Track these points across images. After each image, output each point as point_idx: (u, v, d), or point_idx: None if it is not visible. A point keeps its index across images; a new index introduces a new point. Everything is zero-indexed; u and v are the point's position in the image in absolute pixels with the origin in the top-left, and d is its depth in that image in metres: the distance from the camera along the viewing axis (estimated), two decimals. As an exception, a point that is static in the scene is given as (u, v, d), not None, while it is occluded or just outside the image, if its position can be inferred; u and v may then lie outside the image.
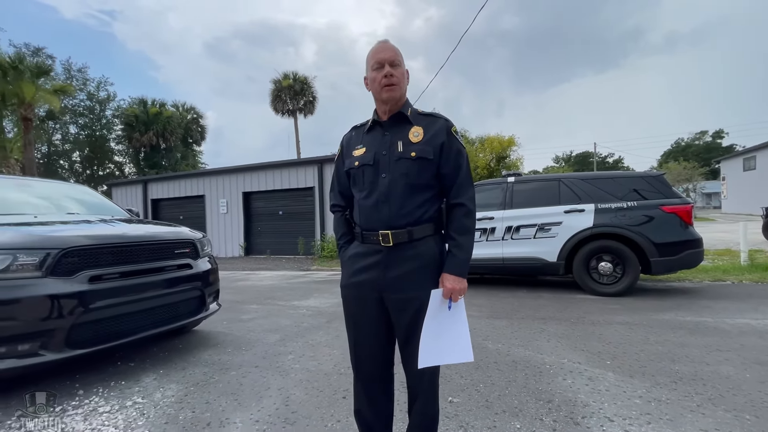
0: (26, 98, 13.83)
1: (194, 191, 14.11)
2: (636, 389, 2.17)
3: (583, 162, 56.59)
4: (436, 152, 1.31)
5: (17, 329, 2.11)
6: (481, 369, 2.54)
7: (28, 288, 2.17)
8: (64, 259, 2.31)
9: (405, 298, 1.30)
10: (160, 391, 2.35)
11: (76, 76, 26.32)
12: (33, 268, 2.22)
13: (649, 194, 4.76)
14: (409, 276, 1.29)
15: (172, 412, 2.08)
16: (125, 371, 2.71)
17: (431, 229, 1.33)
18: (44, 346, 2.19)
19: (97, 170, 29.65)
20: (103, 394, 2.34)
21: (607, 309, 4.03)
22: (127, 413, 2.08)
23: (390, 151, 1.32)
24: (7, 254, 2.17)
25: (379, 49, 1.33)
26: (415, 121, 1.35)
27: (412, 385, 1.39)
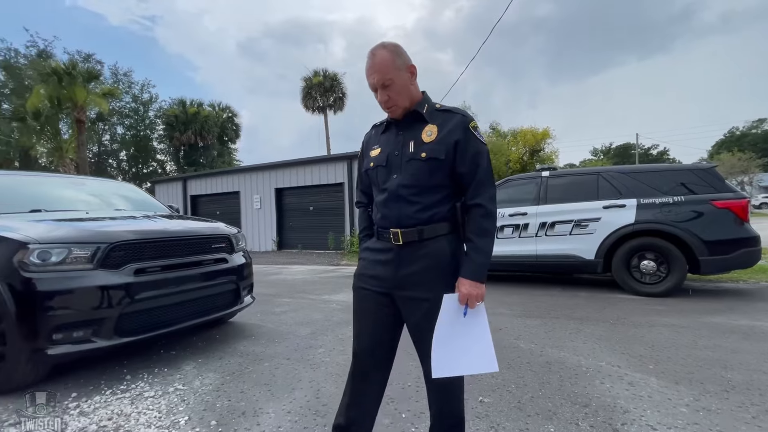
0: (79, 102, 14.86)
1: (230, 188, 14.66)
2: (682, 397, 2.04)
3: (624, 154, 53.69)
4: (450, 151, 1.25)
5: (72, 317, 2.28)
6: (513, 369, 2.48)
7: (81, 279, 2.34)
8: (112, 252, 2.47)
9: (414, 298, 1.28)
10: (199, 379, 2.47)
11: (122, 80, 27.98)
12: (85, 260, 2.38)
13: (698, 188, 4.44)
14: (419, 276, 1.27)
15: (210, 399, 2.18)
16: (167, 359, 2.86)
17: (445, 229, 1.28)
18: (96, 334, 2.35)
19: (142, 168, 31.44)
20: (148, 379, 2.48)
21: (650, 310, 3.81)
22: (169, 399, 2.20)
23: (402, 152, 1.30)
24: (63, 247, 2.34)
25: (368, 70, 1.28)
26: (431, 118, 1.30)
27: (429, 386, 1.35)
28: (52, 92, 14.71)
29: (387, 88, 1.26)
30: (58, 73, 14.49)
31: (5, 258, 2.29)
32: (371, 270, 1.36)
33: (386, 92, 1.26)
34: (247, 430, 1.85)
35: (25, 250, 2.26)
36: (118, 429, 1.90)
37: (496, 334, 3.20)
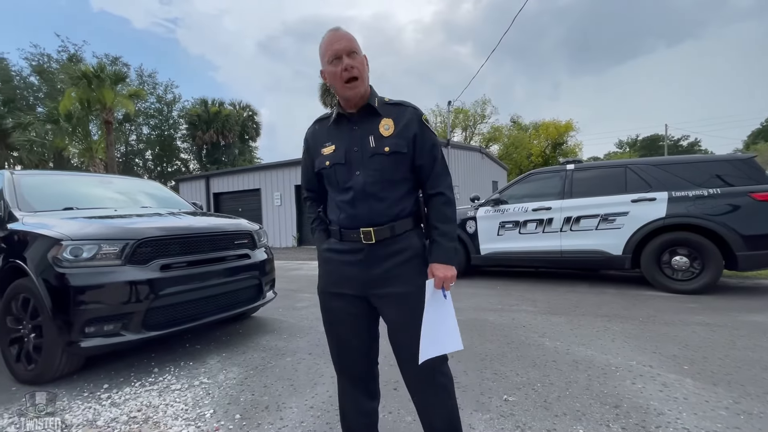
0: (107, 103, 15.40)
1: (251, 185, 14.92)
2: (721, 399, 1.94)
3: (651, 146, 51.63)
4: (410, 144, 1.26)
5: (103, 311, 2.35)
6: (538, 367, 2.41)
7: (111, 274, 2.41)
8: (139, 248, 2.53)
9: (391, 294, 1.26)
10: (223, 373, 2.51)
11: (147, 81, 28.83)
12: (114, 256, 2.46)
13: (735, 180, 4.20)
14: (396, 271, 1.26)
15: (234, 393, 2.22)
16: (193, 353, 2.93)
17: (411, 223, 1.30)
18: (125, 328, 2.42)
19: (166, 167, 32.40)
20: (175, 372, 2.55)
21: (682, 308, 3.65)
22: (195, 392, 2.25)
23: (362, 147, 1.25)
24: (93, 244, 2.42)
25: (333, 38, 1.23)
26: (384, 111, 1.28)
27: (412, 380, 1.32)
28: (83, 95, 15.28)
29: (352, 57, 1.22)
30: (87, 76, 15.03)
31: (40, 254, 2.39)
32: (340, 272, 1.31)
33: (352, 61, 1.21)
34: (271, 424, 1.87)
35: (58, 247, 2.35)
36: (147, 420, 1.95)
37: (519, 330, 3.13)
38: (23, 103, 23.69)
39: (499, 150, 31.22)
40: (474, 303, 4.15)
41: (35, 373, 2.40)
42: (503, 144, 31.68)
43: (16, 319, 2.54)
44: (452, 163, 12.13)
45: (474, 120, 32.49)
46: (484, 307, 3.98)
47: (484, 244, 5.40)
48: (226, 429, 1.84)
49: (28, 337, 2.45)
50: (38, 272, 2.37)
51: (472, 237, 5.49)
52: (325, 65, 1.26)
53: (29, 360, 2.44)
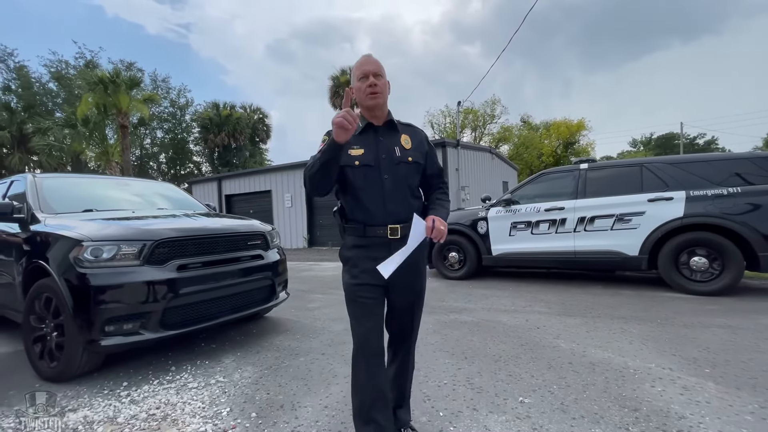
0: (123, 108, 15.73)
1: (262, 187, 15.07)
2: (745, 404, 1.89)
3: (666, 145, 50.56)
4: (424, 158, 1.60)
5: (122, 311, 2.40)
6: (554, 369, 2.38)
7: (130, 275, 2.46)
8: (157, 249, 2.58)
9: (408, 285, 1.55)
10: (239, 372, 2.54)
11: (160, 86, 29.35)
12: (133, 257, 2.51)
13: (756, 178, 4.09)
14: (412, 265, 1.49)
15: (249, 392, 2.24)
16: (208, 352, 2.97)
17: None
18: (144, 327, 2.46)
19: (179, 169, 32.92)
20: (191, 371, 2.59)
21: (702, 310, 3.56)
22: (211, 390, 2.28)
23: (389, 155, 1.50)
24: (113, 244, 2.48)
25: (364, 62, 1.49)
26: (401, 130, 1.58)
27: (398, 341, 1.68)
28: (99, 100, 15.64)
29: (377, 77, 1.47)
30: (103, 81, 15.37)
31: (62, 255, 2.46)
32: (368, 265, 1.47)
33: (376, 80, 1.46)
34: (286, 423, 1.89)
35: (80, 247, 2.41)
36: (166, 417, 1.98)
37: (533, 332, 3.10)
38: (42, 108, 24.35)
39: (510, 150, 30.94)
40: (486, 304, 4.11)
41: (57, 370, 2.46)
42: (513, 144, 31.39)
43: (39, 317, 2.61)
44: (462, 163, 12.06)
45: (484, 120, 32.27)
46: (496, 308, 3.95)
47: (496, 245, 5.36)
48: (242, 427, 1.86)
49: (51, 336, 2.52)
50: (60, 272, 2.43)
51: (484, 238, 5.45)
52: (354, 82, 1.51)
53: (51, 358, 2.51)
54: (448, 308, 3.93)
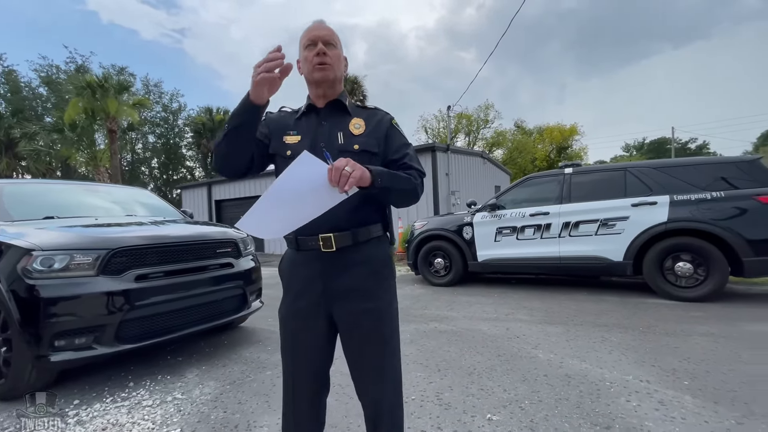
0: (111, 112, 15.57)
1: (252, 192, 14.91)
2: (722, 419, 1.79)
3: (659, 149, 51.06)
4: (381, 145, 1.22)
5: (74, 324, 2.27)
6: (528, 382, 2.28)
7: (83, 286, 2.33)
8: (113, 258, 2.46)
9: (358, 311, 1.15)
10: (199, 388, 2.41)
11: (152, 91, 29.20)
12: (87, 267, 2.38)
13: (740, 183, 4.04)
14: (360, 285, 1.16)
15: (206, 410, 2.12)
16: (173, 365, 2.84)
17: (378, 230, 1.22)
18: (97, 341, 2.33)
19: (172, 174, 32.67)
20: (150, 387, 2.45)
21: (686, 317, 3.48)
22: (165, 408, 2.15)
23: (329, 143, 1.16)
24: (65, 254, 2.35)
25: (313, 27, 1.19)
26: (354, 113, 1.25)
27: (372, 412, 1.20)
28: (87, 104, 15.46)
29: (328, 47, 1.17)
30: (91, 86, 15.22)
31: (10, 265, 2.32)
32: (300, 301, 1.19)
33: (326, 49, 1.16)
34: (237, 445, 1.77)
35: (29, 257, 2.28)
36: (110, 440, 1.85)
37: (512, 341, 3.00)
38: (32, 113, 24.07)
39: (503, 155, 31.04)
40: (469, 312, 4.01)
41: (5, 387, 2.32)
42: (507, 149, 31.50)
43: (-12, 331, 2.47)
44: (452, 168, 12.01)
45: (477, 125, 32.39)
46: (478, 316, 3.84)
47: (482, 251, 5.27)
48: (189, 451, 1.74)
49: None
50: (8, 283, 2.29)
51: (469, 243, 5.36)
52: (300, 51, 1.21)
53: None
54: (429, 316, 3.82)
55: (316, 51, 1.15)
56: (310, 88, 1.24)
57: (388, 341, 1.19)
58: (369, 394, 1.19)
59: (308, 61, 1.17)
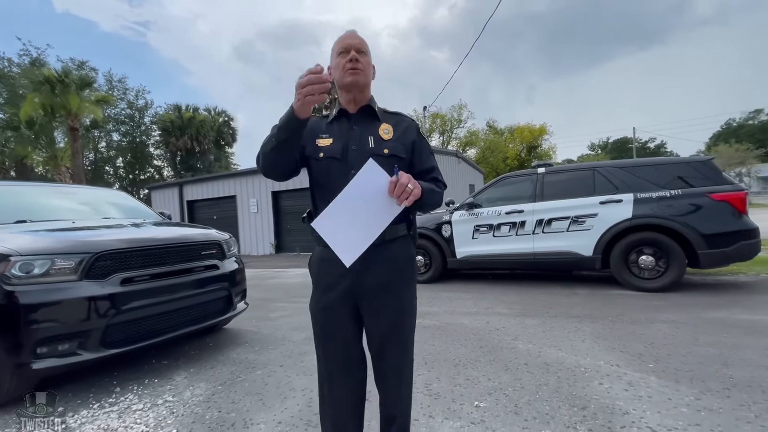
0: (72, 109, 14.79)
1: (226, 192, 14.59)
2: (683, 396, 1.99)
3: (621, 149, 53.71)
4: (408, 151, 1.30)
5: (57, 330, 2.22)
6: (510, 371, 2.43)
7: (66, 291, 2.28)
8: (97, 262, 2.41)
9: (382, 308, 1.25)
10: (190, 390, 2.41)
11: (116, 86, 27.91)
12: (69, 271, 2.33)
13: (696, 181, 4.39)
14: (385, 282, 1.25)
15: (200, 411, 2.13)
16: (159, 369, 2.80)
17: (404, 230, 1.31)
18: (82, 346, 2.29)
19: (139, 174, 31.36)
20: (138, 391, 2.43)
21: (649, 306, 3.76)
22: (158, 411, 2.15)
23: (360, 146, 1.24)
24: (46, 259, 2.29)
25: (346, 36, 1.27)
26: (383, 118, 1.32)
27: (388, 404, 1.33)
28: (46, 100, 14.63)
29: (360, 54, 1.24)
30: (50, 81, 14.41)
31: (-13, 271, 2.24)
32: (330, 295, 1.27)
33: (359, 56, 1.23)
34: (236, 442, 1.80)
35: (6, 263, 2.21)
36: (104, 445, 1.84)
37: (492, 334, 3.15)
38: (-19, 109, 22.44)
39: (476, 154, 31.73)
40: (450, 307, 4.16)
41: (-18, 398, 2.24)
42: (480, 148, 32.23)
43: (-39, 341, 2.36)
44: (430, 167, 12.23)
45: (451, 125, 32.95)
46: (459, 311, 3.99)
47: (460, 248, 5.44)
48: (188, 450, 1.76)
49: (-26, 360, 2.28)
50: (-16, 291, 2.21)
51: (448, 241, 5.52)
52: (333, 59, 1.28)
53: (-24, 384, 2.27)
54: (412, 313, 3.93)
55: (349, 57, 1.22)
56: (341, 93, 1.30)
57: (407, 335, 1.31)
58: (385, 382, 1.31)
59: (341, 67, 1.23)
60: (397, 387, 1.31)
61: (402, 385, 1.32)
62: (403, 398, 1.33)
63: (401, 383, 1.32)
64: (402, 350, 1.29)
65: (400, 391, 1.32)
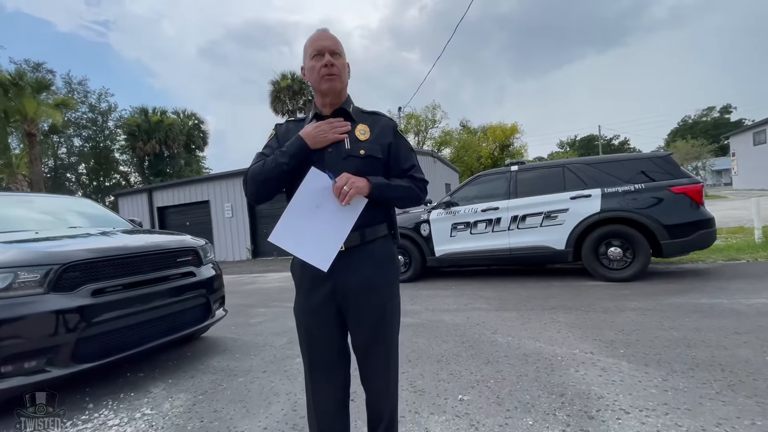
0: (29, 114, 13.97)
1: (199, 197, 14.18)
2: (651, 378, 2.11)
3: (588, 146, 55.88)
4: (384, 151, 1.30)
5: (22, 347, 2.11)
6: (491, 364, 2.50)
7: (31, 305, 2.16)
8: (65, 274, 2.30)
9: (365, 308, 1.25)
10: (169, 401, 2.34)
11: (77, 89, 26.60)
12: (35, 284, 2.21)
13: (657, 175, 4.65)
14: (368, 282, 1.25)
15: (181, 422, 2.07)
16: (134, 382, 2.71)
17: (384, 230, 1.32)
18: (50, 363, 2.18)
19: (104, 181, 29.98)
20: (113, 406, 2.33)
21: (618, 295, 3.95)
22: (136, 425, 2.08)
23: (336, 148, 1.24)
24: (8, 272, 2.17)
25: (319, 36, 1.25)
26: (359, 118, 1.31)
27: (375, 402, 1.34)
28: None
29: (335, 56, 1.23)
30: (3, 84, 13.56)
31: (-59, 288, 2.10)
32: (313, 298, 1.26)
33: (333, 59, 1.22)
34: (221, 451, 1.77)
35: (-36, 278, 2.07)
36: (79, 464, 1.76)
37: (473, 329, 3.23)
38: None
39: (451, 153, 32.21)
40: (430, 305, 4.22)
41: (-61, 424, 2.10)
42: (454, 147, 32.74)
43: None
44: (406, 167, 12.33)
45: (426, 125, 33.31)
46: (440, 308, 4.06)
47: (438, 246, 5.53)
48: (170, 463, 1.71)
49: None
50: (-60, 308, 2.07)
51: (427, 239, 5.60)
52: (306, 60, 1.26)
53: (-68, 410, 2.13)
54: (394, 312, 3.96)
55: (324, 62, 1.20)
56: (317, 96, 1.29)
57: (392, 333, 1.31)
58: (371, 381, 1.32)
59: (315, 71, 1.22)
60: (384, 385, 1.32)
61: (389, 383, 1.33)
62: (390, 396, 1.34)
63: (388, 381, 1.33)
64: (387, 349, 1.30)
65: (387, 389, 1.33)
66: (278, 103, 25.86)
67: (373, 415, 1.36)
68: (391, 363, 1.33)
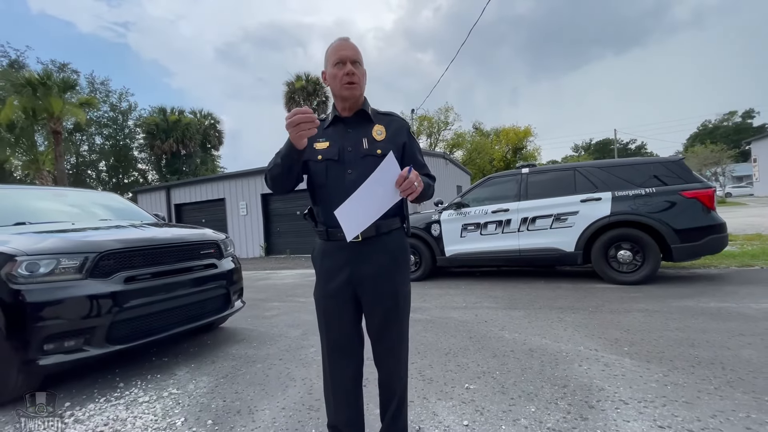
0: (55, 112, 14.54)
1: (214, 195, 14.53)
2: (653, 374, 2.19)
3: (604, 150, 55.03)
4: (399, 150, 1.40)
5: (63, 327, 2.29)
6: (498, 357, 2.60)
7: (71, 289, 2.35)
8: (101, 261, 2.49)
9: (379, 293, 1.37)
10: (193, 383, 2.51)
11: (99, 89, 27.45)
12: (74, 270, 2.40)
13: (669, 180, 4.66)
14: (381, 272, 1.36)
15: (205, 401, 2.23)
16: (160, 365, 2.89)
17: (397, 223, 1.44)
18: (88, 343, 2.37)
19: (122, 178, 30.82)
20: (142, 386, 2.51)
21: (627, 297, 4.00)
22: (164, 402, 2.24)
23: (355, 148, 1.35)
24: (51, 258, 2.36)
25: (341, 46, 1.34)
26: (376, 119, 1.41)
27: (387, 381, 1.46)
28: (27, 103, 14.34)
29: (355, 65, 1.32)
30: (32, 83, 14.14)
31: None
32: (331, 284, 1.38)
33: (354, 68, 1.31)
34: (243, 426, 1.92)
35: (12, 263, 2.27)
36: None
37: (481, 325, 3.32)
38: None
39: (463, 156, 32.16)
40: (440, 302, 4.32)
41: (-12, 394, 2.30)
42: (466, 150, 32.68)
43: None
44: (418, 169, 12.43)
45: (438, 127, 33.33)
46: (449, 305, 4.16)
47: (449, 246, 5.63)
48: (198, 435, 1.87)
49: (-19, 358, 2.34)
50: (-9, 290, 2.27)
51: (437, 239, 5.70)
52: (328, 68, 1.36)
53: (-17, 382, 2.33)
54: (404, 308, 4.08)
55: (346, 71, 1.30)
56: (337, 100, 1.40)
57: (403, 318, 1.43)
58: (385, 360, 1.44)
59: (337, 79, 1.32)
60: (396, 365, 1.45)
61: (400, 363, 1.46)
62: (401, 377, 1.47)
63: (399, 362, 1.46)
64: (399, 331, 1.43)
65: (399, 368, 1.46)
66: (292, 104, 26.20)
67: (386, 394, 1.48)
68: (403, 344, 1.45)
